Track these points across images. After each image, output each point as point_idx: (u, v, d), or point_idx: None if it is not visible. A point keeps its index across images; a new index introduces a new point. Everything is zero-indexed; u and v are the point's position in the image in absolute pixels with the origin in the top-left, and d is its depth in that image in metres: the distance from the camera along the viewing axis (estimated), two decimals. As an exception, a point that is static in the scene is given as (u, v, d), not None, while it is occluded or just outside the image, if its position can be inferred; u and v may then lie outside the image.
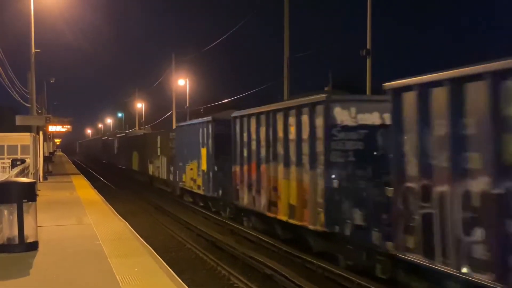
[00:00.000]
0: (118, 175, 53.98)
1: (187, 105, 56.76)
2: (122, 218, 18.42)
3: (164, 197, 32.98)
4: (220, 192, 23.11)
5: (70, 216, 18.74)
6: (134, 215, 24.16)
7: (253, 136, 18.59)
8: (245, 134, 19.43)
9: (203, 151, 25.05)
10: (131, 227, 16.63)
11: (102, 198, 25.27)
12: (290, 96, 29.66)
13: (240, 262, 15.56)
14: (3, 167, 33.69)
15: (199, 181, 25.70)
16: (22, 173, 23.08)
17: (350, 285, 12.43)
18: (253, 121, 18.67)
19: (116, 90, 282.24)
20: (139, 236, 14.82)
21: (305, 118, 14.82)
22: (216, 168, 23.48)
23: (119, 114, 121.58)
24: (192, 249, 17.61)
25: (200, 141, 25.45)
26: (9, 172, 22.68)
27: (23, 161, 29.05)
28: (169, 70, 57.95)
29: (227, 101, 49.65)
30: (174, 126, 48.01)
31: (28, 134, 32.92)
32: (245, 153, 19.39)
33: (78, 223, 17.25)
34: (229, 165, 21.20)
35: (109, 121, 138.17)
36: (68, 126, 47.85)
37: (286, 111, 16.03)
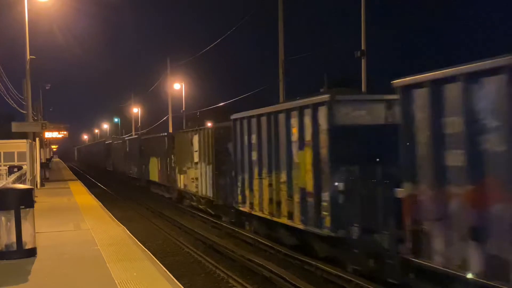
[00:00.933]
0: (117, 181, 53.84)
1: (183, 109, 56.76)
2: (120, 223, 18.40)
3: (161, 201, 32.94)
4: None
5: (68, 222, 18.72)
6: (131, 220, 24.14)
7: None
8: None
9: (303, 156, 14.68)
10: (129, 232, 16.62)
11: (100, 203, 25.24)
12: (286, 98, 29.67)
13: (239, 265, 15.56)
14: (0, 174, 33.61)
15: (296, 208, 15.06)
16: (19, 179, 23.02)
17: (349, 286, 12.44)
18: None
19: (112, 95, 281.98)
20: (137, 241, 14.82)
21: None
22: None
23: (116, 120, 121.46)
24: (191, 253, 17.60)
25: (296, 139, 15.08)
26: (6, 179, 22.62)
27: (20, 168, 28.95)
28: (164, 74, 57.99)
29: (223, 105, 49.63)
30: (170, 131, 47.96)
31: (24, 140, 32.85)
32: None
33: (76, 229, 17.23)
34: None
35: (105, 126, 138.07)
36: (65, 132, 47.80)
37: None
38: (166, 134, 36.45)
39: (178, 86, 57.96)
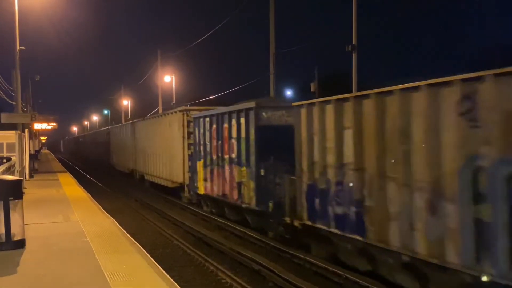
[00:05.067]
0: (105, 172, 53.72)
1: (173, 101, 56.64)
2: (109, 215, 18.39)
3: (150, 193, 32.90)
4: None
5: (57, 213, 18.69)
6: (121, 212, 24.12)
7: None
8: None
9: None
10: (118, 224, 16.61)
11: (89, 195, 25.20)
12: (275, 91, 30.10)
13: (228, 258, 15.59)
14: (-11, 165, 33.41)
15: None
16: (8, 171, 22.92)
17: (338, 279, 12.51)
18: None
19: (102, 87, 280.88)
20: (126, 233, 14.81)
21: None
22: None
23: (105, 111, 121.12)
24: (180, 245, 17.62)
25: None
26: (-5, 170, 22.51)
27: (8, 159, 28.80)
28: (155, 66, 57.84)
29: (213, 97, 49.56)
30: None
31: (13, 132, 32.71)
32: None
33: (65, 221, 17.21)
34: None
35: (95, 118, 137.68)
36: (54, 124, 47.56)
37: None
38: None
39: (168, 79, 57.83)
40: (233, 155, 19.23)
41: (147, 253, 12.12)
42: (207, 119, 22.09)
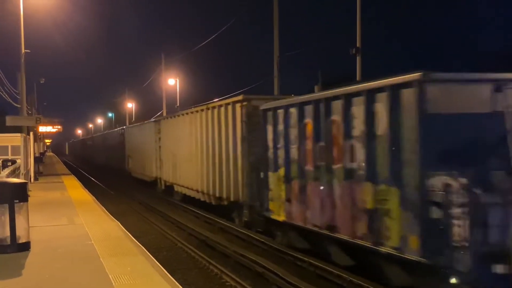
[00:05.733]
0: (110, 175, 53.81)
1: (177, 104, 56.76)
2: (113, 218, 18.43)
3: (154, 196, 32.94)
4: None
5: (61, 216, 18.74)
6: (125, 215, 24.17)
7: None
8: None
9: None
10: (123, 226, 16.66)
11: (94, 198, 25.26)
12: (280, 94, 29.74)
13: (232, 260, 15.63)
14: (-6, 168, 33.54)
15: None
16: (13, 173, 23.02)
17: (342, 282, 12.53)
18: None
19: (106, 90, 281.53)
20: (131, 236, 14.86)
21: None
22: None
23: (110, 114, 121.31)
24: (184, 248, 17.66)
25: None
26: (0, 173, 22.61)
27: (13, 161, 28.91)
28: (159, 69, 57.96)
29: (217, 101, 49.59)
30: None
31: (18, 134, 32.81)
32: None
33: (70, 223, 17.26)
34: None
35: (99, 121, 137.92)
36: (59, 127, 47.65)
37: None
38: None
39: (172, 82, 57.96)
40: (355, 165, 12.15)
41: (151, 256, 12.16)
42: (292, 110, 15.04)
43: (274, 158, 16.13)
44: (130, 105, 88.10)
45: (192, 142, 25.40)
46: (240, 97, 19.53)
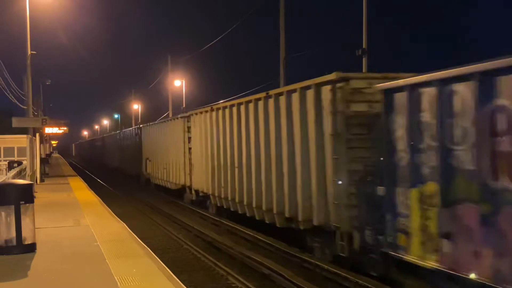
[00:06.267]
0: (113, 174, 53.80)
1: (183, 106, 56.78)
2: (119, 219, 18.41)
3: (161, 197, 32.94)
4: None
5: (67, 217, 18.72)
6: (131, 216, 24.14)
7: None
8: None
9: None
10: (129, 228, 16.62)
11: (99, 199, 25.24)
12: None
13: (238, 262, 15.58)
14: (0, 169, 33.62)
15: None
16: (19, 175, 23.02)
17: (348, 284, 12.46)
18: None
19: (112, 91, 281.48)
20: (136, 237, 14.82)
21: None
22: None
23: (116, 116, 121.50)
24: (190, 250, 17.62)
25: None
26: (6, 174, 22.62)
27: (19, 163, 28.93)
28: (165, 71, 58.00)
29: (223, 102, 49.58)
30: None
31: (24, 136, 32.86)
32: None
33: (76, 225, 17.23)
34: None
35: (105, 122, 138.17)
36: (65, 128, 47.76)
37: None
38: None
39: (178, 83, 58.00)
40: None
41: (157, 257, 12.12)
42: (458, 87, 9.44)
43: (411, 166, 10.56)
44: (136, 107, 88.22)
45: (242, 142, 19.75)
46: (332, 76, 13.45)
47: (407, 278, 11.04)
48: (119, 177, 51.55)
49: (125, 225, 17.13)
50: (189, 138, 28.14)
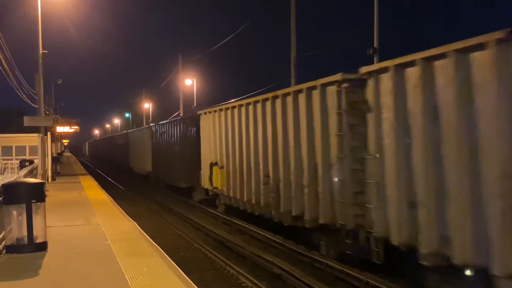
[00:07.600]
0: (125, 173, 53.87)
1: (195, 105, 56.82)
2: (130, 218, 18.43)
3: (171, 196, 32.97)
4: None
5: (78, 216, 18.77)
6: (142, 215, 24.18)
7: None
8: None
9: None
10: (140, 227, 16.64)
11: (111, 198, 25.29)
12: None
13: (249, 262, 15.55)
14: (12, 168, 33.81)
15: None
16: (30, 173, 23.13)
17: (359, 284, 12.41)
18: None
19: (123, 90, 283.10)
20: (147, 236, 14.83)
21: None
22: None
23: (127, 115, 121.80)
24: (201, 249, 17.61)
25: None
26: (18, 173, 22.73)
27: (31, 162, 29.09)
28: (176, 70, 58.06)
29: (234, 101, 49.59)
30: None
31: (36, 135, 32.98)
32: None
33: (87, 223, 17.27)
34: None
35: (116, 121, 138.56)
36: (76, 127, 47.83)
37: None
38: None
39: (189, 82, 58.05)
40: None
41: (168, 257, 12.12)
42: None
43: None
44: (147, 106, 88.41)
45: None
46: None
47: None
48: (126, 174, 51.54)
49: (135, 224, 17.15)
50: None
